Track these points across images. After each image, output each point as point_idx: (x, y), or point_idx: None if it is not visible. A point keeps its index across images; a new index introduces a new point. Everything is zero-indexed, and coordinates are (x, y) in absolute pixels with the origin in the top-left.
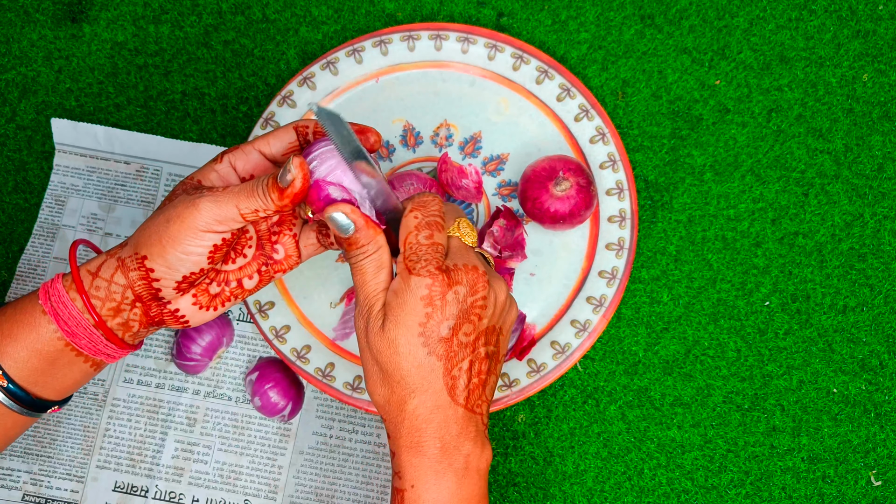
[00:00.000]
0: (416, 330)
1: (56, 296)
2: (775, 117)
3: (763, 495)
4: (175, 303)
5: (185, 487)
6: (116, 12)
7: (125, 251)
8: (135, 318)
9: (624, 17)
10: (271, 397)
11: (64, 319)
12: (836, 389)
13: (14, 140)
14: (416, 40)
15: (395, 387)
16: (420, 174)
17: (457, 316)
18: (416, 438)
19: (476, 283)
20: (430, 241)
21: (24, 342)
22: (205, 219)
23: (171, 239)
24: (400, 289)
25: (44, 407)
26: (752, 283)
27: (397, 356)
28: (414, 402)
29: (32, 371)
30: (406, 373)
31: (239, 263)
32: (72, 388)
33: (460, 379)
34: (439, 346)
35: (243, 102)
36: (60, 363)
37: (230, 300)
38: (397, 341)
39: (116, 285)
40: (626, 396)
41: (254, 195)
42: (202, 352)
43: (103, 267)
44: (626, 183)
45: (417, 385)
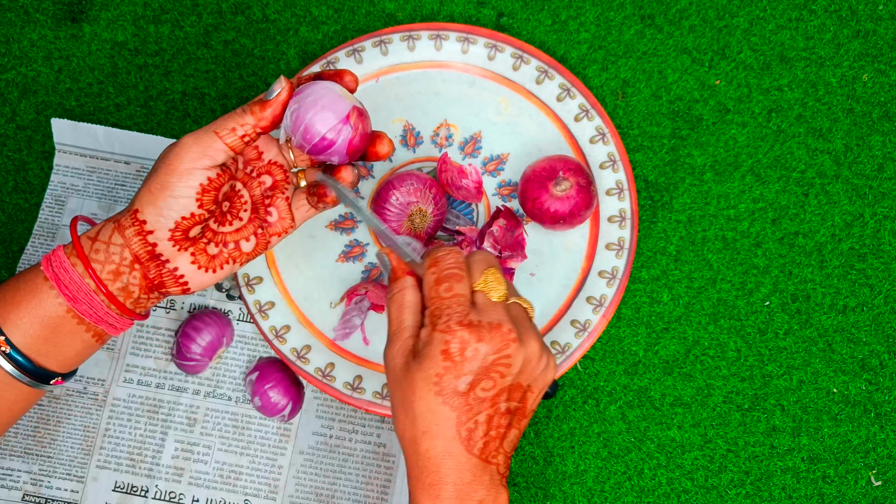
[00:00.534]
0: (433, 380)
1: (57, 262)
2: (775, 117)
3: (763, 495)
4: (173, 261)
5: (185, 487)
6: (116, 12)
7: (121, 213)
8: (134, 281)
9: (624, 17)
10: (271, 397)
11: (65, 284)
12: (836, 389)
13: (14, 140)
14: (416, 40)
15: (410, 424)
16: (420, 174)
17: (476, 372)
18: (431, 479)
19: (500, 342)
20: (451, 294)
21: (26, 309)
22: (188, 155)
23: (159, 185)
24: (426, 340)
25: (47, 378)
26: (752, 283)
27: (413, 397)
28: (426, 444)
29: (35, 339)
30: (418, 414)
31: (236, 225)
32: (75, 359)
33: (476, 431)
34: (454, 399)
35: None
36: (63, 331)
37: (229, 262)
38: (415, 384)
39: (114, 245)
40: (626, 396)
41: (231, 116)
42: (202, 352)
43: (102, 230)
44: (626, 183)
45: (429, 428)
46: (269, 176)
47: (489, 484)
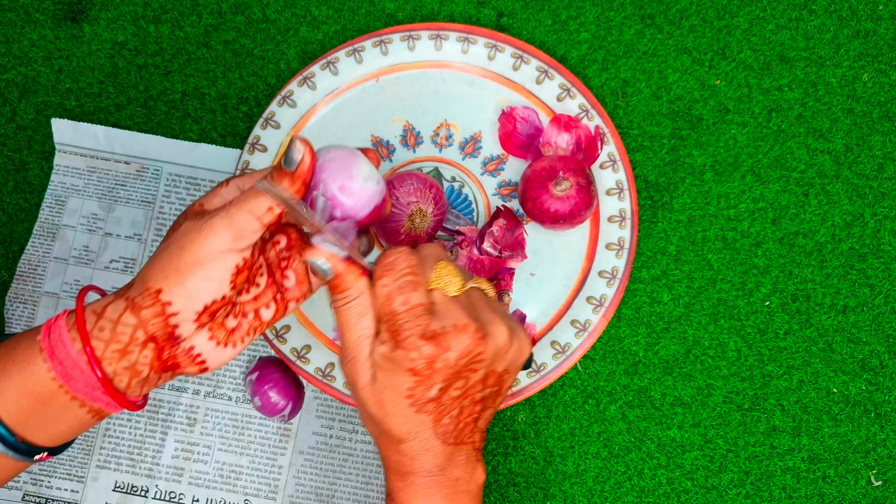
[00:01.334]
0: (404, 393)
1: (57, 333)
2: (775, 117)
3: (763, 495)
4: (190, 340)
5: (185, 487)
6: (116, 12)
7: (134, 290)
8: (145, 360)
9: (624, 17)
10: (271, 397)
11: (59, 359)
12: (836, 389)
13: (14, 140)
14: (416, 40)
15: (383, 434)
16: (420, 174)
17: (446, 379)
18: (406, 469)
19: (467, 345)
20: (407, 307)
21: (14, 379)
22: (222, 238)
23: (189, 266)
24: (388, 356)
25: (30, 453)
26: (752, 283)
27: (385, 413)
28: (402, 447)
29: (21, 411)
30: (393, 426)
31: (253, 293)
32: (67, 433)
33: (449, 425)
34: (428, 405)
35: (243, 102)
36: (54, 405)
37: (249, 335)
38: (385, 400)
39: (124, 325)
40: (626, 396)
41: (262, 194)
42: None
43: (109, 307)
44: (626, 183)
45: (405, 435)
46: (283, 236)
47: (465, 462)
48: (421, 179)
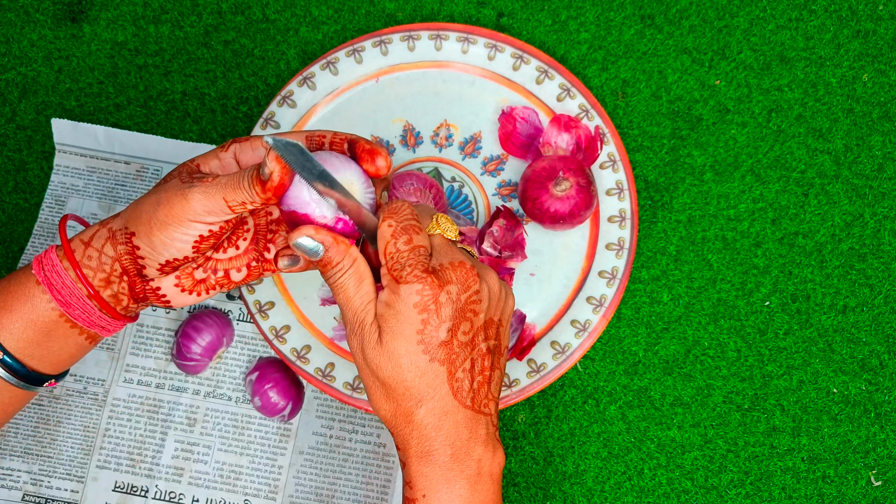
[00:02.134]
0: (415, 338)
1: (49, 266)
2: (775, 117)
3: (763, 495)
4: (157, 281)
5: (185, 487)
6: (116, 12)
7: (116, 223)
8: (123, 291)
9: (624, 17)
10: (271, 397)
11: (57, 289)
12: (836, 389)
13: (14, 140)
14: (416, 40)
15: (401, 399)
16: (420, 174)
17: (452, 317)
18: (425, 447)
19: (467, 279)
20: (410, 246)
21: (18, 313)
22: (193, 209)
23: (159, 223)
24: (391, 300)
25: (40, 380)
26: (752, 283)
27: (399, 368)
28: (421, 412)
29: (28, 343)
30: (410, 383)
31: (230, 254)
32: (68, 361)
33: (465, 380)
34: (440, 351)
35: (243, 102)
36: (56, 335)
37: (215, 289)
38: (397, 353)
39: (106, 256)
40: (626, 396)
41: (240, 187)
42: (202, 352)
43: (95, 237)
44: (626, 183)
45: (424, 393)
46: (277, 208)
47: (485, 439)
48: (421, 179)
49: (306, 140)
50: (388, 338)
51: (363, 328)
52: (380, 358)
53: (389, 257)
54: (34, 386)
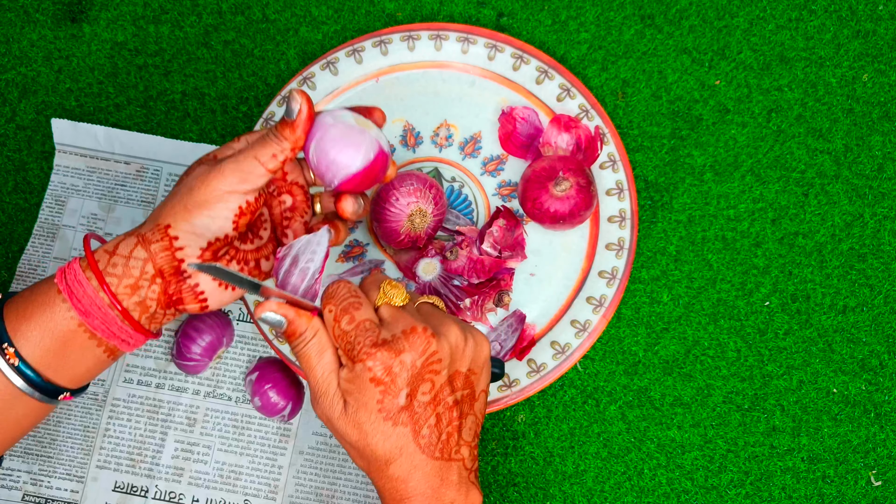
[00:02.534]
0: (376, 408)
1: (72, 275)
2: (775, 117)
3: (763, 495)
4: (195, 277)
5: (185, 487)
6: (116, 12)
7: (144, 227)
8: (153, 295)
9: (624, 17)
10: (271, 397)
11: (78, 297)
12: (835, 389)
13: (14, 140)
14: (416, 40)
15: (371, 460)
16: (420, 174)
17: (409, 382)
18: (399, 496)
19: (420, 344)
20: (354, 325)
21: (37, 321)
22: (228, 180)
23: (197, 203)
24: (350, 377)
25: (56, 393)
26: (752, 283)
27: (365, 436)
28: (392, 468)
29: (45, 352)
30: (376, 447)
31: (256, 244)
32: (85, 375)
33: (431, 435)
34: (401, 416)
35: (243, 102)
36: (74, 346)
37: None
38: (361, 422)
39: (136, 259)
40: (626, 396)
41: (268, 142)
42: (202, 352)
43: (121, 245)
44: (626, 183)
45: (391, 454)
46: (289, 196)
47: (457, 483)
48: (421, 179)
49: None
50: (352, 409)
51: (326, 396)
52: (346, 426)
53: (339, 339)
54: (50, 398)
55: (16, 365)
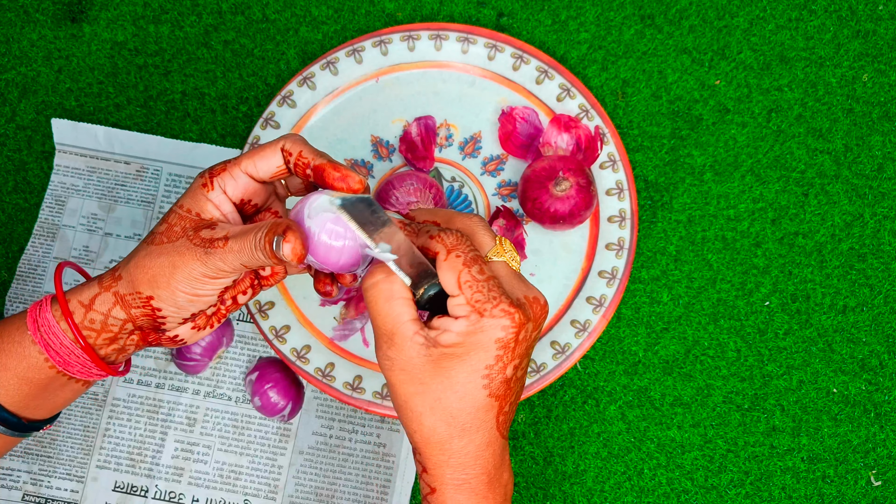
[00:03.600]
0: (482, 372)
1: (46, 326)
2: (775, 117)
3: (763, 495)
4: (173, 330)
5: (185, 487)
6: (116, 12)
7: (122, 286)
8: (131, 343)
9: (624, 17)
10: (271, 397)
11: (55, 350)
12: (835, 389)
13: (14, 140)
14: (416, 40)
15: (443, 424)
16: (420, 174)
17: (522, 355)
18: (463, 476)
19: (540, 318)
20: (485, 276)
21: (13, 371)
22: (214, 273)
23: (181, 284)
24: (469, 331)
25: (35, 427)
26: (752, 283)
27: (453, 396)
28: (463, 441)
29: (23, 397)
30: (459, 412)
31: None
32: (62, 405)
33: (508, 414)
34: (500, 388)
35: (243, 102)
36: (52, 388)
37: (225, 316)
38: (456, 381)
39: (115, 319)
40: (626, 396)
41: (255, 257)
42: (202, 352)
43: (97, 300)
44: (626, 183)
45: (470, 425)
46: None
47: (509, 463)
48: (421, 179)
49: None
50: (451, 363)
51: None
52: (432, 380)
53: (467, 287)
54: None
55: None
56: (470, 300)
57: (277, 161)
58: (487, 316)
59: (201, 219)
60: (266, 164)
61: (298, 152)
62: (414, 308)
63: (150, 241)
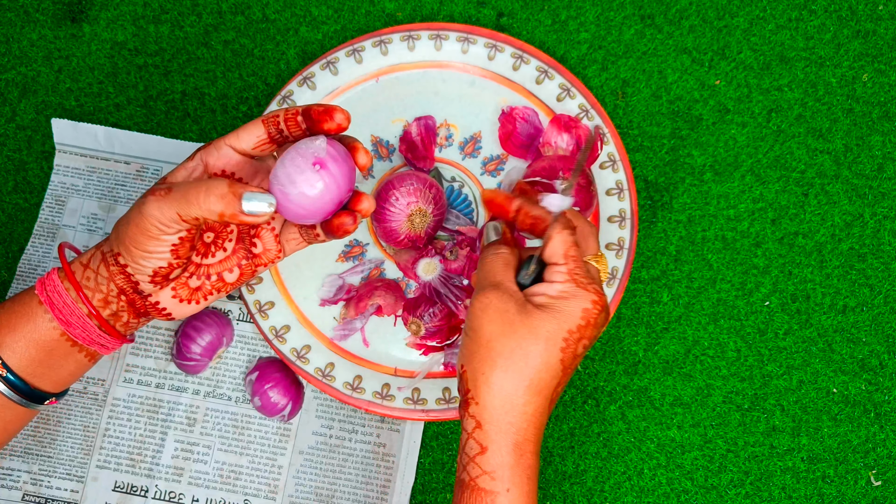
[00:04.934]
0: (563, 335)
1: (52, 287)
2: (775, 117)
3: (763, 495)
4: (155, 296)
5: (185, 487)
6: (116, 12)
7: (105, 244)
8: (122, 309)
9: (624, 17)
10: (271, 397)
11: (59, 309)
12: (835, 389)
13: (14, 140)
14: (416, 40)
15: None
16: (420, 174)
17: (592, 339)
18: (523, 438)
19: (607, 320)
20: (586, 263)
21: (21, 332)
22: (152, 222)
23: (132, 240)
24: (562, 295)
25: (41, 398)
26: (751, 283)
27: (534, 348)
28: (525, 398)
29: (31, 361)
30: (532, 368)
31: (219, 257)
32: (68, 379)
33: (559, 395)
34: (569, 359)
35: (243, 102)
36: (57, 354)
37: (212, 294)
38: (539, 335)
39: (101, 277)
40: (626, 396)
41: (195, 203)
42: (202, 352)
43: (92, 259)
44: (626, 183)
45: (536, 385)
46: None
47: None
48: (421, 179)
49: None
50: (541, 319)
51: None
52: (520, 328)
53: (572, 262)
54: (35, 404)
55: (3, 376)
56: (572, 270)
57: (259, 132)
58: (581, 287)
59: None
60: (248, 136)
61: (284, 111)
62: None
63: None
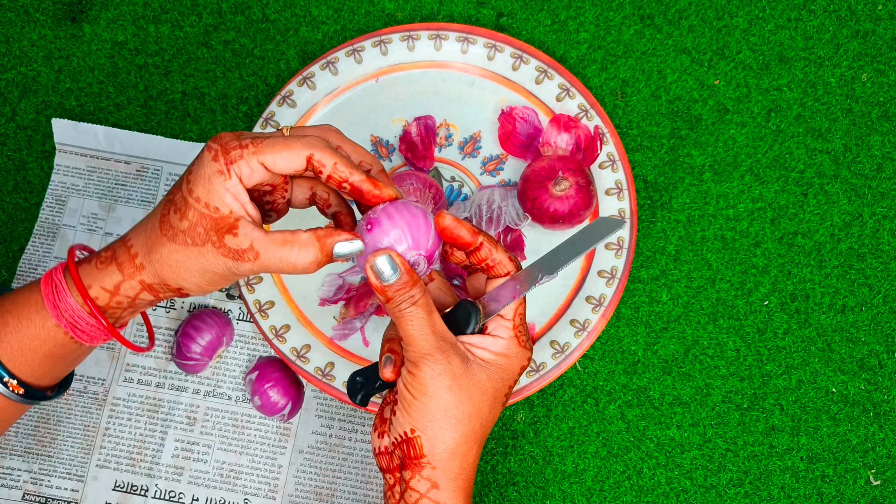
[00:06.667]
0: (504, 391)
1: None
2: (774, 117)
3: (762, 494)
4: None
5: (185, 486)
6: (116, 12)
7: (147, 276)
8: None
9: (623, 17)
10: (271, 397)
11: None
12: (834, 389)
13: (14, 140)
14: (415, 40)
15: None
16: (420, 174)
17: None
18: (470, 485)
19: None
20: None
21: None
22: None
23: (212, 284)
24: (507, 353)
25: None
26: (751, 282)
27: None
28: (475, 450)
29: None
30: (485, 421)
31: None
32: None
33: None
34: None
35: (243, 102)
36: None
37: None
38: (487, 389)
39: (142, 300)
40: (626, 396)
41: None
42: (202, 351)
43: (123, 287)
44: (625, 183)
45: (482, 436)
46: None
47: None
48: (420, 179)
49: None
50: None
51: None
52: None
53: (519, 318)
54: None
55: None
56: (517, 327)
57: (299, 165)
58: (523, 347)
59: (221, 215)
60: (286, 164)
61: (333, 164)
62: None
63: (172, 236)
